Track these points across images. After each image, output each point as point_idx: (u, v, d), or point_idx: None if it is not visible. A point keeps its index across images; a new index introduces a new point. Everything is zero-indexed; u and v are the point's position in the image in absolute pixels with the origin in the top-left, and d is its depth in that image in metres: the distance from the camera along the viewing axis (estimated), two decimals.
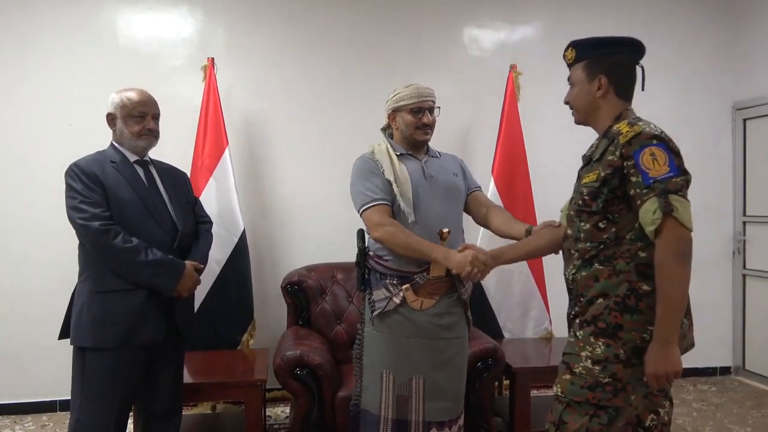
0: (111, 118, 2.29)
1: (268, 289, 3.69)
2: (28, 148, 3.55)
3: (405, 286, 2.20)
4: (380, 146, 2.33)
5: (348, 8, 3.87)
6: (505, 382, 3.58)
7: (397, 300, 2.20)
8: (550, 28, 4.07)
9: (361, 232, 2.33)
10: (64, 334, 2.23)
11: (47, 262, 3.49)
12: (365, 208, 2.21)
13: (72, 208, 2.12)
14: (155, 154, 2.43)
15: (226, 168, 3.43)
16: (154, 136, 2.31)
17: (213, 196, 3.39)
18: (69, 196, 2.14)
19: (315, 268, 3.47)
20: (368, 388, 2.28)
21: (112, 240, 2.09)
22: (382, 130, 2.45)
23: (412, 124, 2.30)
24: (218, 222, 3.27)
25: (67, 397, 2.26)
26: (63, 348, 2.27)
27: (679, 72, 4.28)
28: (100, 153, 2.28)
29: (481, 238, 3.43)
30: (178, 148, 3.22)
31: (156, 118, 2.32)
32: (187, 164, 3.29)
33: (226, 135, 3.46)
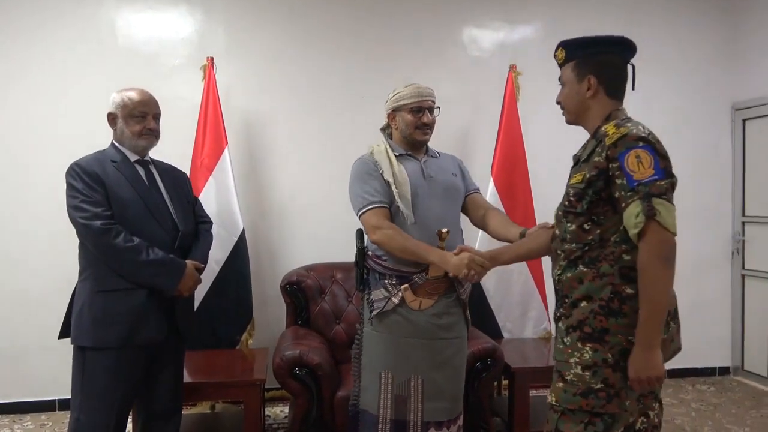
0: (112, 118, 2.29)
1: (267, 288, 3.69)
2: (27, 147, 3.55)
3: (404, 287, 2.21)
4: (379, 147, 2.33)
5: (348, 7, 3.87)
6: (504, 382, 3.59)
7: (395, 300, 2.21)
8: (549, 28, 4.07)
9: (360, 232, 2.33)
10: (64, 334, 2.23)
11: (47, 261, 3.49)
12: (363, 211, 2.22)
13: (73, 208, 2.13)
14: (154, 153, 2.43)
15: (226, 167, 3.43)
16: (154, 135, 2.31)
17: (212, 195, 3.38)
18: (70, 196, 2.14)
19: (314, 267, 3.47)
20: (367, 388, 2.28)
21: (114, 239, 2.09)
22: (382, 130, 2.45)
23: (411, 123, 2.30)
24: (217, 222, 3.27)
25: (66, 397, 2.26)
26: (62, 347, 2.27)
27: (679, 72, 4.29)
28: (101, 152, 2.28)
29: (480, 239, 3.43)
30: (178, 148, 3.21)
31: (157, 117, 2.33)
32: (186, 164, 3.29)
33: (226, 134, 3.46)
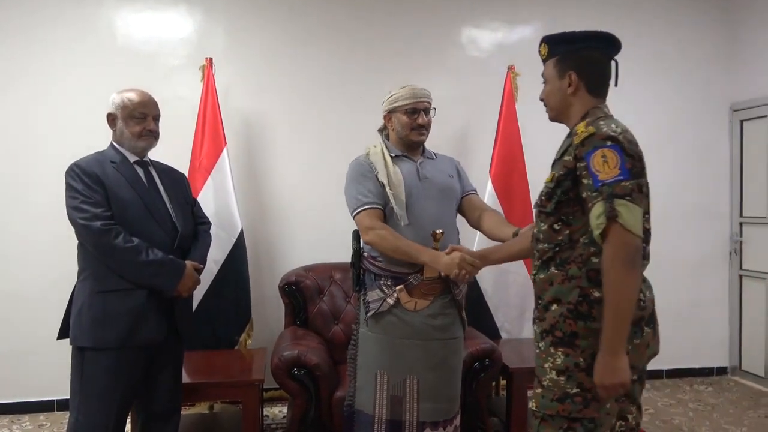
0: (111, 119, 2.29)
1: (265, 289, 3.69)
2: (26, 147, 3.55)
3: (399, 287, 2.22)
4: (375, 148, 2.34)
5: (346, 8, 3.88)
6: (502, 382, 3.60)
7: (391, 301, 2.22)
8: (548, 29, 3.99)
9: (356, 233, 2.34)
10: (63, 334, 2.23)
11: (46, 262, 3.49)
12: (357, 211, 2.24)
13: (73, 208, 2.13)
14: (153, 153, 2.43)
15: (224, 168, 3.43)
16: (154, 136, 2.32)
17: (211, 196, 3.39)
18: (70, 196, 2.15)
19: (313, 268, 3.47)
20: (362, 389, 2.29)
21: (114, 240, 2.09)
22: (379, 131, 2.46)
23: (407, 125, 2.31)
24: (216, 222, 3.27)
25: (64, 397, 2.26)
26: (61, 347, 2.27)
27: (677, 73, 4.30)
28: (100, 153, 2.28)
29: (478, 239, 3.43)
30: (176, 148, 3.21)
31: (156, 119, 2.34)
32: (184, 164, 3.29)
33: (224, 135, 3.46)
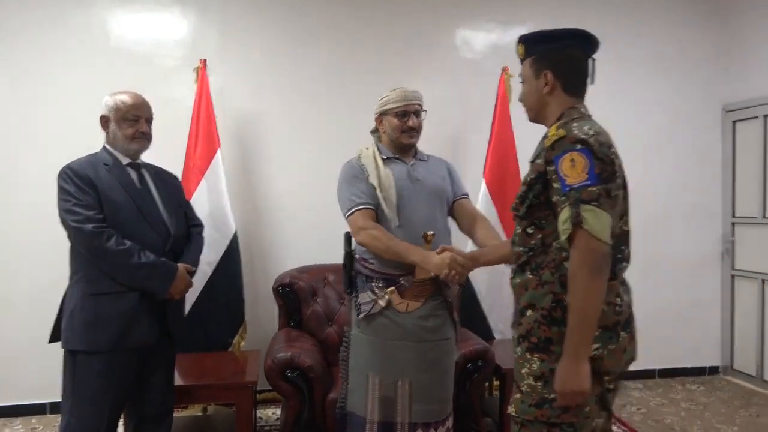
0: (104, 121, 2.29)
1: (259, 290, 3.69)
2: (18, 148, 3.53)
3: (390, 289, 2.23)
4: (367, 150, 2.35)
5: (341, 10, 3.88)
6: (495, 382, 3.61)
7: (382, 303, 2.22)
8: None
9: (347, 235, 2.34)
10: (54, 337, 2.22)
11: (37, 264, 3.48)
12: (350, 212, 2.24)
13: (65, 211, 2.12)
14: (148, 154, 2.42)
15: (218, 170, 3.43)
16: (147, 139, 2.32)
17: (204, 197, 3.38)
18: (62, 199, 2.14)
19: (307, 269, 3.48)
20: (354, 391, 2.30)
21: (106, 242, 2.09)
22: (372, 132, 2.46)
23: (397, 127, 2.31)
24: (210, 224, 3.27)
25: (57, 400, 2.26)
26: (53, 350, 2.26)
27: (670, 74, 4.32)
28: (93, 156, 2.27)
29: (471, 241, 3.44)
30: (170, 150, 3.21)
31: (149, 121, 2.33)
32: (178, 166, 3.29)
33: (218, 137, 3.46)
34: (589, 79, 1.71)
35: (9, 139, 3.53)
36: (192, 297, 3.26)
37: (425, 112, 2.39)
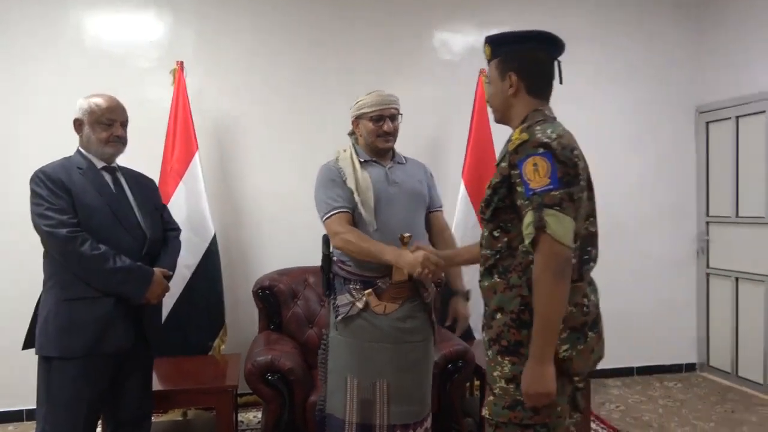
0: (78, 124, 2.26)
1: (239, 293, 3.67)
2: None
3: (367, 291, 2.23)
4: (345, 153, 2.35)
5: (318, 12, 3.88)
6: (476, 382, 3.63)
7: (360, 305, 2.23)
8: None
9: (326, 238, 2.35)
10: (28, 344, 2.20)
11: (10, 270, 3.42)
12: (326, 216, 2.25)
13: (38, 215, 2.09)
14: (124, 157, 2.40)
15: (196, 173, 3.41)
16: (121, 143, 2.29)
17: (183, 201, 3.36)
18: (34, 203, 2.11)
19: (287, 272, 3.47)
20: (333, 393, 2.30)
21: (80, 247, 2.06)
22: (350, 134, 2.45)
23: (372, 131, 2.31)
24: (188, 227, 3.25)
25: (33, 406, 2.22)
26: (29, 355, 2.22)
27: (644, 76, 4.39)
28: (67, 159, 2.25)
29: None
30: (147, 153, 3.19)
31: (124, 125, 2.31)
32: (156, 169, 3.26)
33: (196, 139, 3.44)
34: (555, 81, 1.72)
35: None
36: (171, 301, 3.23)
37: (401, 115, 2.39)
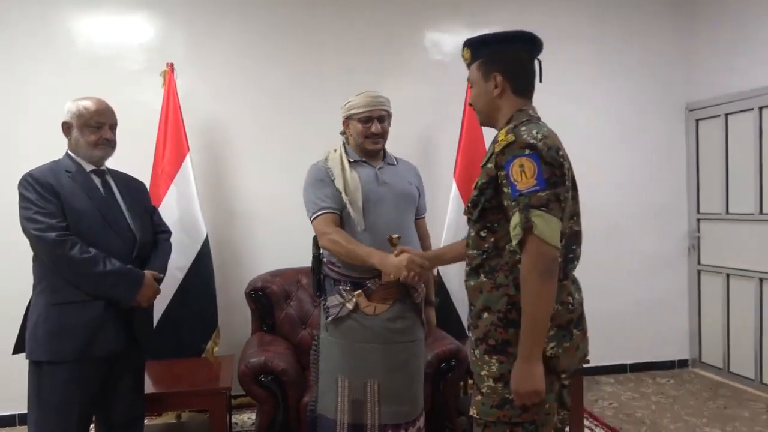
0: (67, 127, 2.26)
1: (232, 295, 3.66)
2: None
3: (357, 292, 2.23)
4: (335, 153, 2.35)
5: (308, 12, 3.88)
6: (470, 381, 3.63)
7: (350, 306, 2.23)
8: None
9: (315, 239, 2.34)
10: (18, 349, 2.19)
11: (8, 270, 3.37)
12: (314, 217, 2.25)
13: (26, 219, 2.08)
14: (115, 160, 2.39)
15: (188, 174, 3.40)
16: (110, 146, 2.28)
17: (174, 203, 3.35)
18: (23, 207, 2.10)
19: (279, 273, 3.47)
20: (324, 394, 2.30)
21: (69, 251, 2.05)
22: (341, 134, 2.45)
23: (361, 133, 2.31)
24: (180, 229, 3.25)
25: (25, 411, 2.21)
26: (21, 360, 2.21)
27: (633, 74, 4.41)
28: (55, 162, 2.24)
29: (444, 241, 3.47)
30: (138, 155, 3.18)
31: (113, 128, 2.30)
32: (147, 171, 3.26)
33: (187, 141, 3.43)
34: (536, 80, 1.74)
35: None
36: (164, 303, 3.23)
37: (390, 116, 2.38)
